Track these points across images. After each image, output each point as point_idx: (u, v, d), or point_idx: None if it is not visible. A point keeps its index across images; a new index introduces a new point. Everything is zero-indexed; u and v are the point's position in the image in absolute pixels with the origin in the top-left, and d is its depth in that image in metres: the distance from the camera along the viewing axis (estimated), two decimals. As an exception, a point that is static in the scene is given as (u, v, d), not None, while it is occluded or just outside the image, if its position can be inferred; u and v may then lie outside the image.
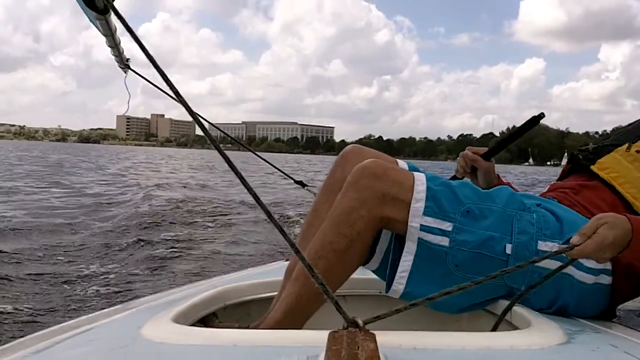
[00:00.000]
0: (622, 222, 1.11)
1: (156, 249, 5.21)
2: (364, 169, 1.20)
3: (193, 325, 1.17)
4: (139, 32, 0.75)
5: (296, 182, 2.94)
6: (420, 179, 1.20)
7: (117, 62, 2.01)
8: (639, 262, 1.17)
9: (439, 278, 1.14)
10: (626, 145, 1.49)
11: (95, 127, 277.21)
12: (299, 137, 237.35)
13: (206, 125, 0.93)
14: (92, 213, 7.54)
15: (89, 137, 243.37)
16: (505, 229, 1.18)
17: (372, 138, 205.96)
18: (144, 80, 2.18)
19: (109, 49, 1.83)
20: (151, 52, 0.77)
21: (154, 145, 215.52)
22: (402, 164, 1.40)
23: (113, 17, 1.39)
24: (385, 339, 0.76)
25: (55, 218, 6.81)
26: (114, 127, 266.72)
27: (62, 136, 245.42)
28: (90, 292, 3.71)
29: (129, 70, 2.08)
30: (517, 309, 1.13)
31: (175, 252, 5.16)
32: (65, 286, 3.84)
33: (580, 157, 1.57)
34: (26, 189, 10.81)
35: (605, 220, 1.11)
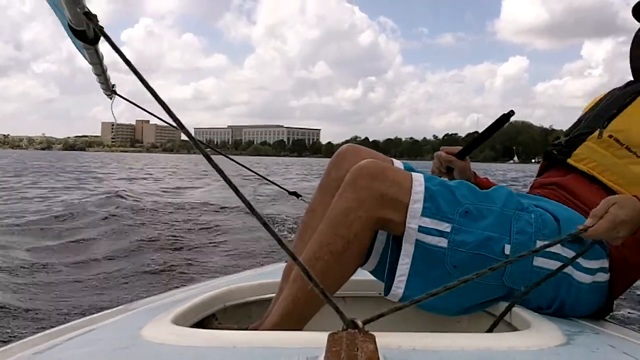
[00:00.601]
0: (632, 202, 1.14)
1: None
2: (361, 169, 1.17)
3: (193, 326, 1.17)
4: (121, 39, 0.74)
5: (290, 193, 2.90)
6: (418, 179, 1.18)
7: (103, 89, 1.97)
8: None
9: (437, 279, 1.11)
10: (597, 131, 1.45)
11: (80, 134, 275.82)
12: (285, 140, 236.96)
13: (193, 133, 0.91)
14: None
15: (74, 145, 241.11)
16: (504, 229, 1.16)
17: (358, 139, 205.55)
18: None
19: (95, 76, 1.79)
20: (133, 59, 0.76)
21: (139, 151, 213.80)
22: (398, 163, 1.39)
23: (101, 46, 1.37)
24: (385, 340, 0.76)
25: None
26: (99, 133, 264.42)
27: (47, 144, 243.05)
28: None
29: (115, 96, 2.05)
30: (516, 309, 1.13)
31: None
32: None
33: (555, 152, 1.55)
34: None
35: (615, 200, 1.14)
